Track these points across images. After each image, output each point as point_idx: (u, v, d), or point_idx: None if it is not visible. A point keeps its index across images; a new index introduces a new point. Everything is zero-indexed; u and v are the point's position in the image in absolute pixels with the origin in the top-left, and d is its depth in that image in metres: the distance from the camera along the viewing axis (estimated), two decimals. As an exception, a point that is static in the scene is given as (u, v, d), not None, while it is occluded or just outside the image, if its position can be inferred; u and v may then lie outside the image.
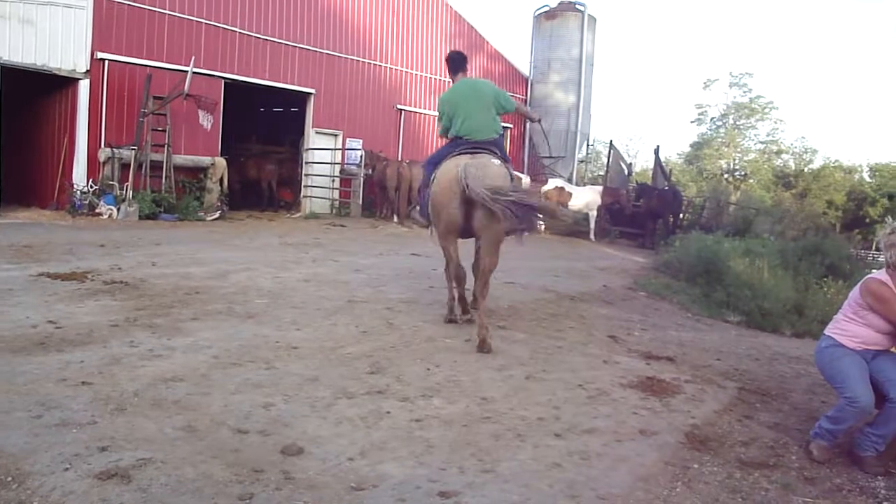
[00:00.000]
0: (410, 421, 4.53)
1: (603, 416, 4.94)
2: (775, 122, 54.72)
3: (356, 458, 3.91)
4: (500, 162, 6.74)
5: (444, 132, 7.23)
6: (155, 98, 16.75)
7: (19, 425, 3.92)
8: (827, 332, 4.89)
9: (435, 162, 7.08)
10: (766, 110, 54.39)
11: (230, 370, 5.23)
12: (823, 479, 4.30)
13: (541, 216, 9.12)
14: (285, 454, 3.86)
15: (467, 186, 6.14)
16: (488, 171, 6.37)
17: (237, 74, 19.04)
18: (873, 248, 33.48)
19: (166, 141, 16.75)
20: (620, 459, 4.21)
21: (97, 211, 15.45)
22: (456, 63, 7.28)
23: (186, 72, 16.96)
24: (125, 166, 16.16)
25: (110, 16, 16.42)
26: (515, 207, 6.02)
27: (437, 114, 8.21)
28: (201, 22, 18.14)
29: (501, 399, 5.12)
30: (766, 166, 54.38)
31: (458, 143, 6.90)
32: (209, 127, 18.36)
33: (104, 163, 16.18)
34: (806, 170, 53.55)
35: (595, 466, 4.08)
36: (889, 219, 4.96)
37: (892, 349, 4.73)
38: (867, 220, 47.65)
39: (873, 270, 5.41)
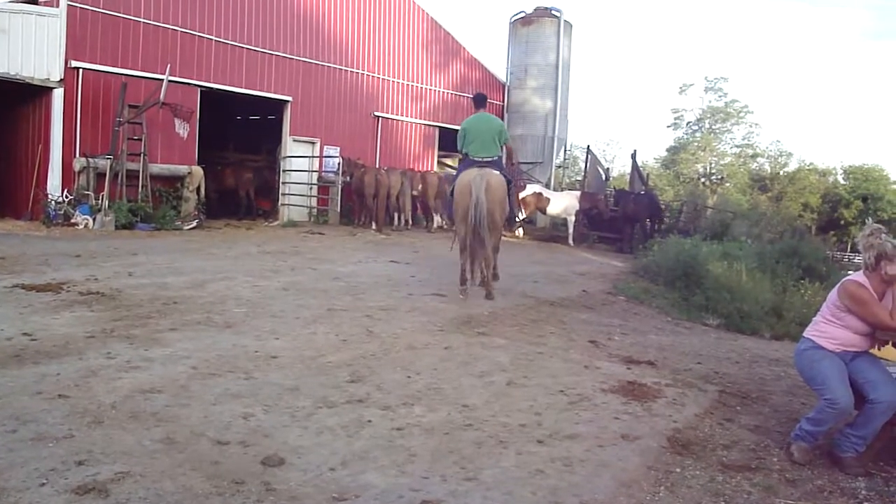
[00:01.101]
0: (392, 429, 4.51)
1: (585, 422, 4.94)
2: (751, 126, 55.28)
3: (338, 468, 3.88)
4: (499, 173, 9.43)
5: (462, 148, 9.72)
6: (130, 107, 16.58)
7: (-7, 440, 3.86)
8: (806, 334, 4.93)
9: (455, 176, 9.95)
10: (742, 114, 54.92)
11: (209, 381, 5.17)
12: (805, 481, 4.32)
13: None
14: (266, 465, 3.82)
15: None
16: (492, 177, 9.20)
17: (213, 83, 18.90)
18: (848, 249, 33.90)
19: (142, 150, 16.57)
20: (603, 465, 4.21)
21: (72, 221, 15.25)
22: (478, 101, 10.14)
23: (162, 80, 16.85)
24: (101, 176, 15.98)
25: (84, 24, 16.25)
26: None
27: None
28: (177, 30, 17.99)
29: (483, 406, 5.11)
30: (742, 170, 54.88)
31: (470, 162, 9.51)
32: (185, 135, 18.22)
33: (79, 172, 15.99)
34: (781, 173, 54.12)
35: (578, 472, 4.08)
36: (868, 220, 5.01)
37: (871, 350, 4.77)
38: (842, 222, 48.24)
39: (850, 272, 5.46)
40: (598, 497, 3.78)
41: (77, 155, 16.09)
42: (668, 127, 59.20)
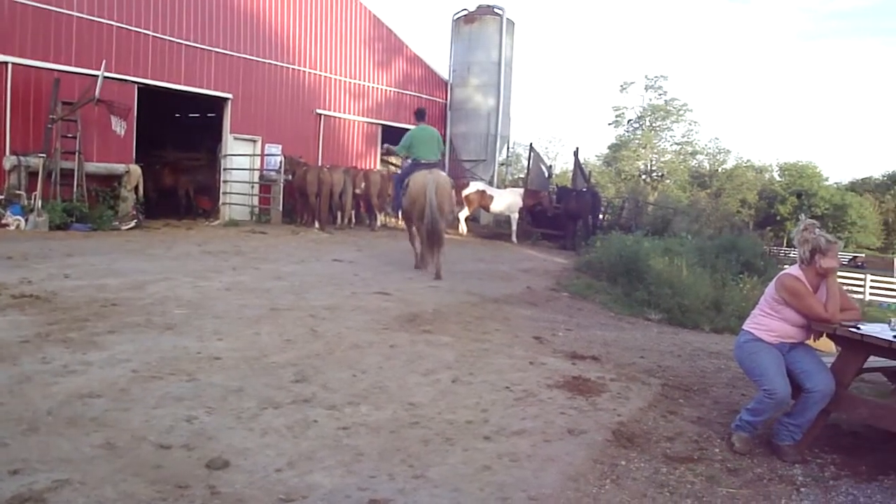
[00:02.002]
0: (338, 429, 4.48)
1: (531, 417, 4.97)
2: (690, 124, 56.50)
3: (284, 470, 3.83)
4: (445, 173, 11.92)
5: (405, 152, 12.05)
6: (64, 103, 16.10)
7: (-78, 450, 3.71)
8: (745, 327, 5.06)
9: (404, 174, 12.11)
10: (681, 112, 56.06)
11: (150, 384, 5.06)
12: (745, 470, 4.44)
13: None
14: (210, 468, 3.75)
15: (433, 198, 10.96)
16: (440, 177, 11.37)
17: (151, 79, 18.45)
18: (785, 244, 34.82)
19: (77, 148, 16.13)
20: (550, 459, 4.25)
21: (3, 222, 14.73)
22: (419, 115, 12.41)
23: (97, 76, 16.40)
24: (33, 175, 15.48)
25: (13, 17, 15.69)
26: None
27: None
28: (112, 24, 17.52)
29: (429, 403, 5.11)
30: (681, 167, 56.01)
31: (418, 164, 11.66)
32: (122, 133, 17.71)
33: (10, 171, 15.45)
34: (720, 170, 55.46)
35: (525, 467, 4.10)
36: (802, 216, 5.17)
37: (807, 342, 4.92)
38: (778, 218, 49.71)
39: (787, 266, 5.61)
40: (546, 491, 3.81)
41: (7, 153, 15.56)
42: (610, 125, 60.23)
